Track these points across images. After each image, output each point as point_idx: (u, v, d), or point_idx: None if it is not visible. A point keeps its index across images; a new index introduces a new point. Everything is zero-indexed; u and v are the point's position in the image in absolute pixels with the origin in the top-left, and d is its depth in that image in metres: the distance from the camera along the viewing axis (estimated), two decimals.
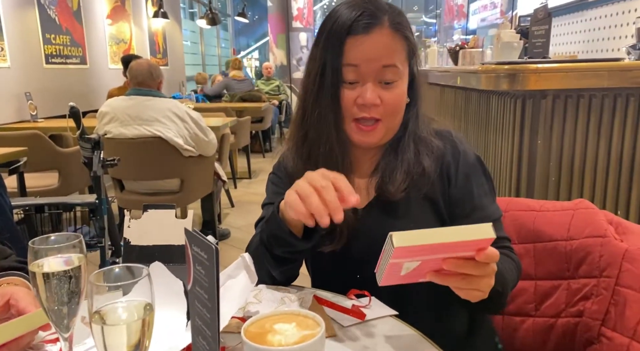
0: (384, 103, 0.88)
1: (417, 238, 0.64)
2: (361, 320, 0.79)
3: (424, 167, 0.92)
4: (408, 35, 0.90)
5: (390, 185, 0.92)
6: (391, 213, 0.94)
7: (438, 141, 0.96)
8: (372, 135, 0.91)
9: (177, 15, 7.85)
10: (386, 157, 0.96)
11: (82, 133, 2.09)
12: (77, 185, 3.29)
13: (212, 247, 0.51)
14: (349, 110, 0.89)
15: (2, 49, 3.73)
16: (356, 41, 0.86)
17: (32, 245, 0.56)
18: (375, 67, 0.87)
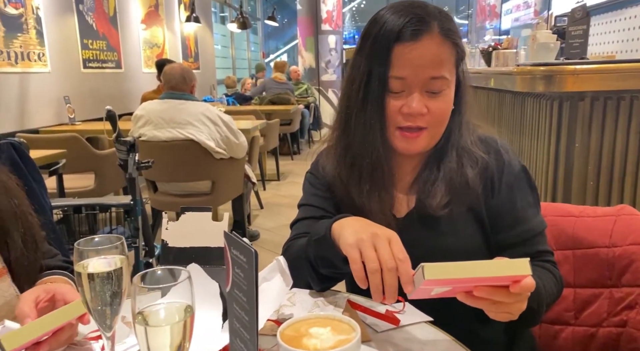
0: (431, 113, 0.86)
1: (449, 271, 0.63)
2: (395, 326, 0.78)
3: (467, 180, 0.90)
4: (458, 42, 0.87)
5: (431, 199, 0.89)
6: (432, 226, 0.91)
7: (482, 151, 0.92)
8: (416, 142, 0.89)
9: (208, 19, 7.99)
10: (428, 167, 0.93)
11: (118, 136, 2.15)
12: (113, 187, 3.38)
13: (252, 251, 0.52)
14: (394, 119, 0.87)
15: (43, 54, 3.87)
16: (404, 49, 0.83)
17: (78, 246, 0.58)
18: (423, 78, 0.84)
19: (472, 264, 0.63)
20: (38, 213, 0.89)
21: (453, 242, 0.90)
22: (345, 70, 8.59)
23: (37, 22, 3.78)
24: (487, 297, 0.65)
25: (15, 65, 3.54)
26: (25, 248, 0.82)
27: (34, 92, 3.76)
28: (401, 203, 0.95)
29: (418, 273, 0.64)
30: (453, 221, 0.91)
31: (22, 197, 0.86)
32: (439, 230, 0.91)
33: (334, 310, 0.83)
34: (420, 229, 0.92)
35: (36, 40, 3.77)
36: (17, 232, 0.81)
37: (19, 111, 3.62)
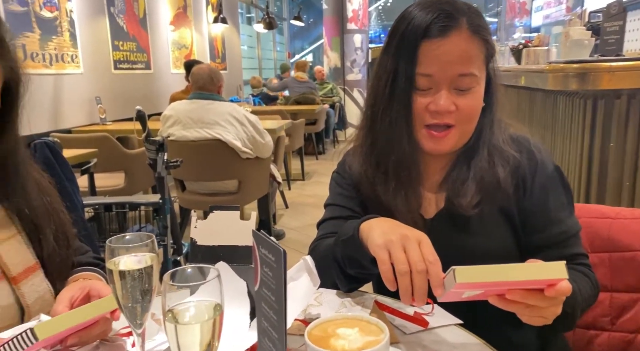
0: (459, 110, 0.84)
1: (481, 275, 0.61)
2: (424, 328, 0.77)
3: (498, 179, 0.87)
4: (487, 38, 0.85)
5: (462, 199, 0.87)
6: (462, 227, 0.89)
7: (514, 150, 0.90)
8: (444, 142, 0.87)
9: (235, 20, 8.07)
10: (457, 166, 0.91)
11: (148, 136, 2.19)
12: (142, 185, 3.45)
13: (280, 250, 0.52)
14: (421, 117, 0.86)
15: (76, 56, 3.97)
16: (432, 45, 0.82)
17: (109, 244, 0.59)
18: (451, 74, 0.83)
19: (505, 267, 0.61)
20: (70, 211, 0.91)
21: (484, 243, 0.88)
22: (371, 69, 8.57)
23: (71, 25, 3.89)
24: (521, 301, 0.63)
25: (50, 67, 3.65)
26: (57, 245, 0.84)
27: (67, 93, 3.87)
28: (430, 203, 0.93)
29: (449, 276, 0.63)
30: (484, 221, 0.89)
31: (54, 195, 0.88)
32: (469, 230, 0.89)
33: (361, 311, 0.82)
34: (449, 230, 0.90)
35: (70, 42, 3.88)
36: (50, 229, 0.83)
37: (53, 111, 3.73)
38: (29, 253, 0.79)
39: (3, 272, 0.75)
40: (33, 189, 0.82)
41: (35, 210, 0.81)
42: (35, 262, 0.79)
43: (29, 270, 0.78)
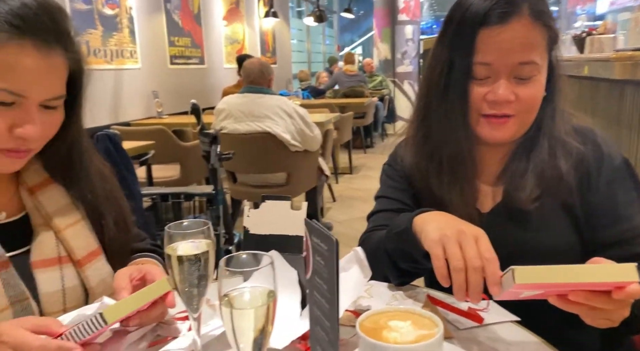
0: (519, 100, 0.81)
1: (543, 275, 0.58)
2: (479, 324, 0.75)
3: (560, 172, 0.83)
4: (550, 24, 0.81)
5: (521, 192, 0.84)
6: (520, 222, 0.86)
7: (578, 142, 0.85)
8: (503, 129, 0.83)
9: (285, 14, 8.13)
10: (516, 158, 0.87)
11: (202, 129, 2.25)
12: (196, 177, 3.56)
13: (333, 239, 0.51)
14: (478, 107, 0.83)
15: (135, 51, 4.14)
16: (491, 33, 0.78)
17: (168, 230, 0.61)
18: (511, 63, 0.79)
19: (569, 268, 0.58)
20: (129, 200, 0.95)
21: (544, 239, 0.85)
22: (422, 61, 8.39)
23: (130, 21, 4.05)
24: (585, 302, 0.60)
25: (111, 63, 3.83)
26: (117, 231, 0.87)
27: (126, 87, 4.05)
28: (486, 197, 0.90)
29: (507, 275, 0.61)
30: (544, 216, 0.85)
31: (115, 183, 0.92)
32: (528, 225, 0.85)
33: (413, 304, 0.81)
34: (507, 224, 0.87)
35: (129, 38, 4.05)
36: (110, 215, 0.87)
37: (113, 105, 3.92)
38: (92, 238, 0.83)
39: (69, 256, 0.80)
40: (96, 177, 0.86)
41: (98, 197, 0.86)
42: (97, 247, 0.84)
43: (92, 254, 0.83)
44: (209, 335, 0.71)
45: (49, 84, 0.71)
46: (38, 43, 0.68)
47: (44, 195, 0.80)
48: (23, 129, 0.69)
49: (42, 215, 0.79)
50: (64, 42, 0.72)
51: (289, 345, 0.67)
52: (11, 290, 0.72)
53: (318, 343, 0.58)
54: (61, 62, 0.72)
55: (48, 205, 0.79)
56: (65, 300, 0.78)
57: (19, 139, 0.70)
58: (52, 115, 0.74)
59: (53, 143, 0.79)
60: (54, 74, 0.71)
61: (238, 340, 0.52)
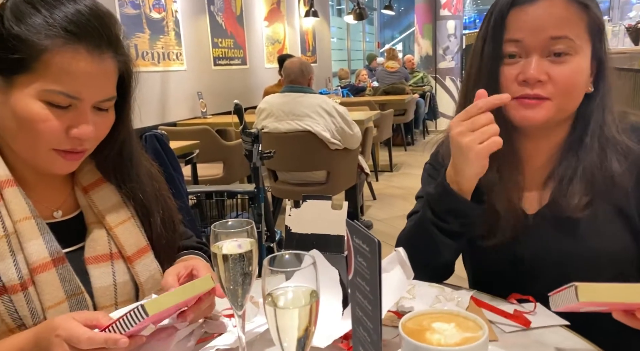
0: (553, 80, 0.77)
1: (607, 294, 0.57)
2: (525, 327, 0.73)
3: (613, 175, 0.79)
4: (589, 4, 0.77)
5: (569, 199, 0.80)
6: (569, 227, 0.82)
7: (633, 141, 0.80)
8: (536, 109, 0.79)
9: (325, 13, 8.14)
10: (564, 160, 0.83)
11: (244, 128, 2.29)
12: (238, 175, 3.63)
13: (375, 240, 0.52)
14: (509, 89, 0.80)
15: (180, 54, 4.26)
16: (520, 12, 0.77)
17: (214, 229, 0.63)
18: (542, 38, 0.76)
19: (634, 287, 0.57)
20: (176, 198, 0.98)
21: (596, 245, 0.81)
22: (465, 56, 8.20)
23: (176, 24, 4.17)
24: None
25: (158, 65, 3.95)
26: (164, 228, 0.91)
27: (173, 89, 4.17)
28: (533, 198, 0.87)
29: (569, 291, 0.59)
30: (596, 221, 0.81)
31: (162, 182, 0.95)
32: (578, 231, 0.81)
33: (457, 306, 0.80)
34: (554, 229, 0.83)
35: (174, 41, 4.17)
36: (158, 213, 0.90)
37: (160, 106, 4.05)
38: (140, 235, 0.86)
39: (120, 252, 0.83)
40: (145, 177, 0.90)
41: (146, 196, 0.89)
42: (146, 244, 0.87)
43: (141, 250, 0.86)
44: (253, 332, 0.73)
45: (102, 86, 0.74)
46: (91, 48, 0.71)
47: (96, 194, 0.83)
48: (78, 130, 0.73)
49: (94, 213, 0.83)
50: (114, 46, 0.75)
51: (331, 344, 0.67)
52: (67, 284, 0.76)
53: (360, 344, 0.58)
54: (112, 65, 0.75)
55: (100, 204, 0.83)
56: (117, 294, 0.81)
57: (75, 140, 0.73)
58: (104, 117, 0.77)
59: (105, 144, 0.82)
60: (105, 76, 0.74)
61: (282, 338, 0.53)
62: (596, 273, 0.79)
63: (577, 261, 0.81)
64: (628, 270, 0.82)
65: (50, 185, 0.83)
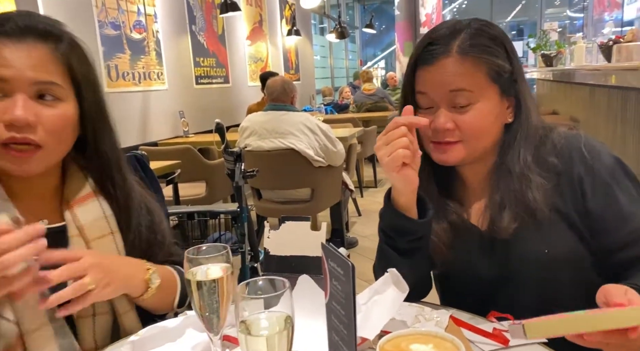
0: (459, 127, 0.85)
1: (555, 328, 0.59)
2: (504, 346, 0.73)
3: (530, 204, 0.85)
4: (486, 57, 0.84)
5: (498, 223, 0.87)
6: (519, 236, 0.87)
7: (556, 156, 0.87)
8: (449, 152, 0.87)
9: (308, 31, 8.24)
10: (496, 182, 0.90)
11: (226, 147, 2.29)
12: (221, 194, 3.60)
13: (349, 264, 0.51)
14: (426, 133, 0.89)
15: (162, 73, 4.26)
16: (424, 70, 0.86)
17: (188, 255, 0.62)
18: (443, 92, 0.85)
19: (582, 317, 0.59)
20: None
21: (546, 251, 0.86)
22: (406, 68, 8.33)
23: (157, 44, 4.18)
24: (602, 341, 0.61)
25: (139, 84, 3.94)
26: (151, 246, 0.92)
27: (154, 108, 4.15)
28: (482, 215, 0.93)
29: (517, 328, 0.61)
30: (540, 227, 0.85)
31: (154, 208, 0.98)
32: (527, 239, 0.87)
33: (435, 326, 0.79)
34: (508, 242, 0.88)
35: (156, 61, 4.16)
36: (144, 231, 0.91)
37: (141, 126, 4.02)
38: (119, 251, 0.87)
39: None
40: (135, 196, 0.91)
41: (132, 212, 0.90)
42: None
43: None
44: None
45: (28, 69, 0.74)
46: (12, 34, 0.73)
47: (80, 209, 0.85)
48: (9, 115, 0.72)
49: (76, 226, 0.84)
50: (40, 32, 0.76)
51: None
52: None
53: None
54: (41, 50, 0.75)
55: (82, 218, 0.84)
56: (95, 306, 0.81)
57: (12, 127, 0.72)
58: (51, 108, 0.76)
59: (92, 161, 0.85)
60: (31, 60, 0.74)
61: None
62: (554, 275, 0.86)
63: (535, 268, 0.87)
64: (583, 269, 0.87)
65: (38, 198, 0.84)
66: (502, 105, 0.88)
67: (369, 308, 0.73)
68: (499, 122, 0.88)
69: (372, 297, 0.75)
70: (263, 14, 6.42)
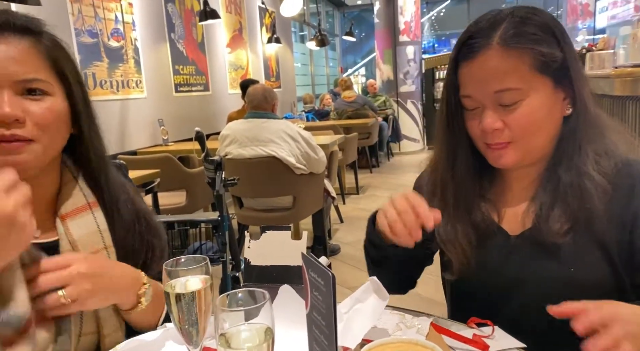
0: (509, 126, 0.80)
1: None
2: None
3: (589, 209, 0.78)
4: (532, 46, 0.78)
5: (550, 224, 0.81)
6: (549, 252, 0.82)
7: (615, 173, 0.79)
8: (504, 155, 0.83)
9: (288, 39, 8.26)
10: (547, 182, 0.84)
11: (206, 156, 2.26)
12: (202, 203, 3.56)
13: (329, 274, 0.51)
14: (477, 136, 0.85)
15: (140, 81, 4.21)
16: (465, 67, 0.82)
17: (166, 267, 0.61)
18: (487, 93, 0.80)
19: None
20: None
21: (573, 272, 0.81)
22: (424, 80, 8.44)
23: (135, 52, 4.13)
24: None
25: (117, 93, 3.89)
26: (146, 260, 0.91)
27: (132, 116, 4.10)
28: (517, 221, 0.88)
29: None
30: (574, 248, 0.80)
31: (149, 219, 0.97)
32: (557, 257, 0.82)
33: (416, 334, 0.80)
34: (535, 252, 0.84)
35: (134, 69, 4.12)
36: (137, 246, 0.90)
37: (120, 134, 3.96)
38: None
39: None
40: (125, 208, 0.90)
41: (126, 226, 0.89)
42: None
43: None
44: None
45: (12, 66, 0.72)
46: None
47: (73, 222, 0.82)
48: None
49: (69, 241, 0.82)
50: (19, 29, 0.75)
51: None
52: None
53: None
54: (22, 45, 0.74)
55: (75, 232, 0.82)
56: (82, 319, 0.79)
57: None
58: (39, 103, 0.75)
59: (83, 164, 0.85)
60: (14, 56, 0.73)
61: None
62: (570, 299, 0.77)
63: (554, 285, 0.82)
64: (605, 297, 0.79)
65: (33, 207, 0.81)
66: (556, 96, 0.81)
67: (351, 317, 0.73)
68: (553, 115, 0.82)
69: (353, 306, 0.75)
70: (243, 22, 6.42)
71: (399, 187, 5.74)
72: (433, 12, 15.06)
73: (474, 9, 12.96)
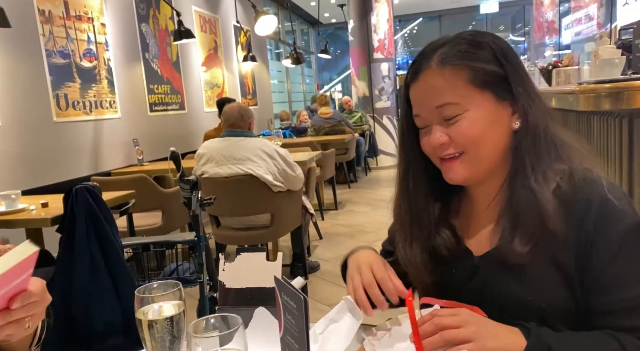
0: (453, 139, 0.83)
1: None
2: None
3: (547, 226, 0.78)
4: (466, 63, 0.81)
5: (513, 244, 0.80)
6: (510, 273, 0.82)
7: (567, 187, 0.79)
8: (455, 169, 0.84)
9: (264, 57, 8.31)
10: (506, 203, 0.84)
11: (182, 176, 2.25)
12: (179, 223, 3.52)
13: (301, 297, 0.52)
14: (432, 154, 0.88)
15: (114, 101, 4.17)
16: (412, 89, 0.87)
17: (138, 294, 0.61)
18: (429, 109, 0.84)
19: None
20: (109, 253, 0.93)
21: (534, 295, 0.80)
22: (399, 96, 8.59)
23: (109, 73, 4.10)
24: None
25: (90, 114, 3.84)
26: None
27: (106, 137, 4.05)
28: (483, 240, 0.89)
29: None
30: (533, 267, 0.80)
31: None
32: (519, 279, 0.81)
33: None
34: (498, 273, 0.84)
35: (107, 89, 4.08)
36: None
37: (93, 155, 3.90)
38: None
39: None
40: None
41: None
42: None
43: None
44: None
45: None
46: None
47: None
48: None
49: None
50: None
51: None
52: None
53: None
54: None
55: None
56: None
57: None
58: None
59: None
60: None
61: None
62: (526, 319, 0.78)
63: (514, 307, 0.81)
64: (555, 321, 0.79)
65: None
66: (499, 110, 0.82)
67: (326, 338, 0.73)
68: (498, 128, 0.83)
69: (328, 326, 0.75)
70: (218, 41, 6.44)
71: (377, 202, 5.77)
72: (406, 30, 15.39)
73: (445, 26, 13.30)
